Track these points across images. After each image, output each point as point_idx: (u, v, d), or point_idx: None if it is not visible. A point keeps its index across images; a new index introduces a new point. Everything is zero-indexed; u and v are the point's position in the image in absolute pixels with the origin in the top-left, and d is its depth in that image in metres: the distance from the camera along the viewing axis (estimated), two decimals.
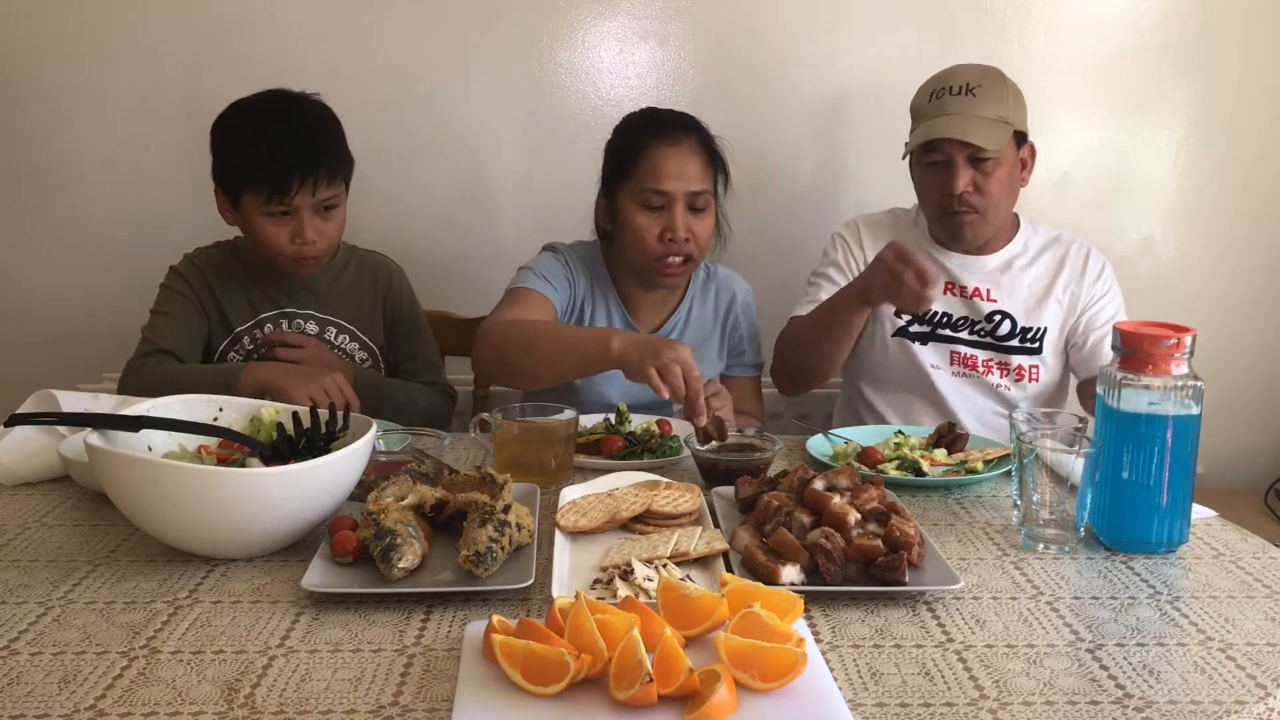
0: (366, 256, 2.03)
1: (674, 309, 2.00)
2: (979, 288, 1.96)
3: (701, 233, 1.86)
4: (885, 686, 0.92)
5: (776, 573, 1.10)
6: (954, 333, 1.97)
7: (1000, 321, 1.95)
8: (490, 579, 1.09)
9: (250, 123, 1.82)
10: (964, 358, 1.97)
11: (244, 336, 1.91)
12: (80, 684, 0.91)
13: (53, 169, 2.41)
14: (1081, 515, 1.23)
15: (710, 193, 1.87)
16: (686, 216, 1.84)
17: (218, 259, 1.95)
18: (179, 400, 1.31)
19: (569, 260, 1.95)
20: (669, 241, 1.84)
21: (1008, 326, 1.95)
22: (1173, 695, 0.91)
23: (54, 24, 2.34)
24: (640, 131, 1.89)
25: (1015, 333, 1.95)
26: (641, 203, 1.85)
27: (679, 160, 1.84)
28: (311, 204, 1.79)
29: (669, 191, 1.83)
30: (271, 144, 1.78)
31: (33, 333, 2.48)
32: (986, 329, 1.96)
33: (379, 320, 2.00)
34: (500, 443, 1.47)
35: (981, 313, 1.95)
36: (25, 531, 1.28)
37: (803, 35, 2.41)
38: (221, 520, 1.14)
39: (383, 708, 0.88)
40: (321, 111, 1.86)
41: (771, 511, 1.21)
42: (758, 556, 1.13)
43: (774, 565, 1.11)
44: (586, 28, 2.41)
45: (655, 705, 0.85)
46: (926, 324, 1.98)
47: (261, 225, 1.81)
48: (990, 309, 1.95)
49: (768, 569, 1.10)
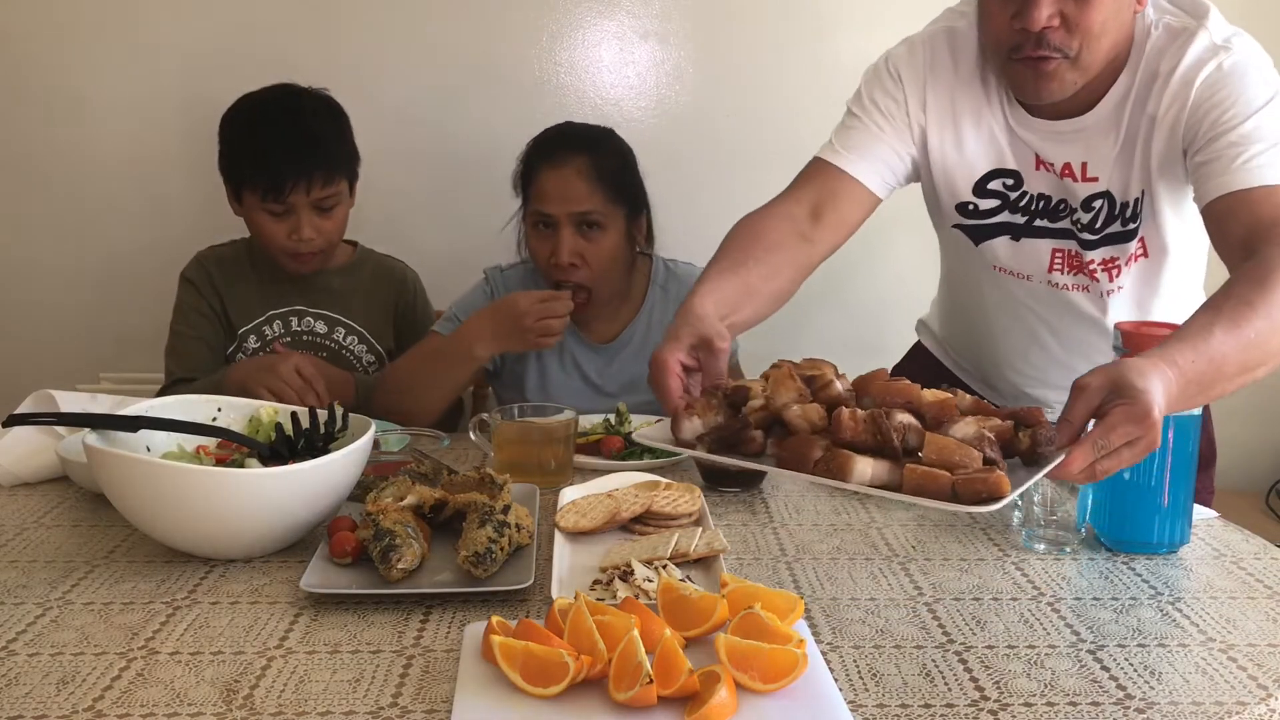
0: (384, 261, 2.03)
1: (631, 318, 1.93)
2: (1069, 161, 1.45)
3: (594, 256, 1.80)
4: (885, 687, 0.92)
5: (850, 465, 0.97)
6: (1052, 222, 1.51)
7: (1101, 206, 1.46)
8: (490, 580, 1.09)
9: (252, 118, 1.83)
10: (1071, 255, 1.51)
11: (250, 335, 1.91)
12: (78, 685, 0.91)
13: (52, 169, 2.41)
14: (1082, 516, 1.23)
15: (602, 211, 1.80)
16: (574, 239, 1.79)
17: (228, 256, 1.95)
18: (177, 400, 1.31)
19: (496, 290, 1.91)
20: (554, 266, 1.80)
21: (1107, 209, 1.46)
22: (1174, 696, 0.91)
23: (54, 23, 2.34)
24: (533, 152, 1.87)
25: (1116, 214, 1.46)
26: (533, 224, 1.83)
27: (562, 181, 1.79)
28: (308, 202, 1.79)
29: (551, 214, 1.79)
30: (268, 142, 1.78)
31: (31, 333, 2.48)
32: (1084, 220, 1.48)
33: (389, 325, 2.00)
34: (500, 443, 1.47)
35: (1078, 197, 1.47)
36: (23, 532, 1.27)
37: (803, 34, 2.40)
38: (220, 521, 1.14)
39: (382, 709, 0.88)
40: (325, 107, 1.86)
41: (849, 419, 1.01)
42: None
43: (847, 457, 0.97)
44: (586, 27, 2.41)
45: (655, 706, 0.84)
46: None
47: (260, 220, 1.82)
48: (1090, 191, 1.46)
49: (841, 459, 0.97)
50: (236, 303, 1.92)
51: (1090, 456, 0.97)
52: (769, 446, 1.07)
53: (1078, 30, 1.31)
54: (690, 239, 2.26)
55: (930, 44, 1.52)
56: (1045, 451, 0.99)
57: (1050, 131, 1.45)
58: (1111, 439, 0.97)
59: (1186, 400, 1.06)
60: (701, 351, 1.20)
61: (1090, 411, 1.00)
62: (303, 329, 1.93)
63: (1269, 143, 1.30)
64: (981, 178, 1.52)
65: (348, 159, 1.87)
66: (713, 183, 2.44)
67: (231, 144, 1.84)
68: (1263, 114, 1.32)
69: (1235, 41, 1.36)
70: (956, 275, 1.72)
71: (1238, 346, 1.09)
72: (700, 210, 2.42)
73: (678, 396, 1.16)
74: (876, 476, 0.98)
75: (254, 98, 1.85)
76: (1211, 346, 1.08)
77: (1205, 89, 1.34)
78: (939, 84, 1.50)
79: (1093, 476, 0.98)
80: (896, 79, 1.52)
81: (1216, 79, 1.34)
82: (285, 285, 1.92)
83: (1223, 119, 1.32)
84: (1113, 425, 0.97)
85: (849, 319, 2.54)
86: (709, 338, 1.20)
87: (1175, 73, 1.36)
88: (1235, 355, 1.09)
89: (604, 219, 1.81)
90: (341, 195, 1.85)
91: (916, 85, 1.51)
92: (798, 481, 1.48)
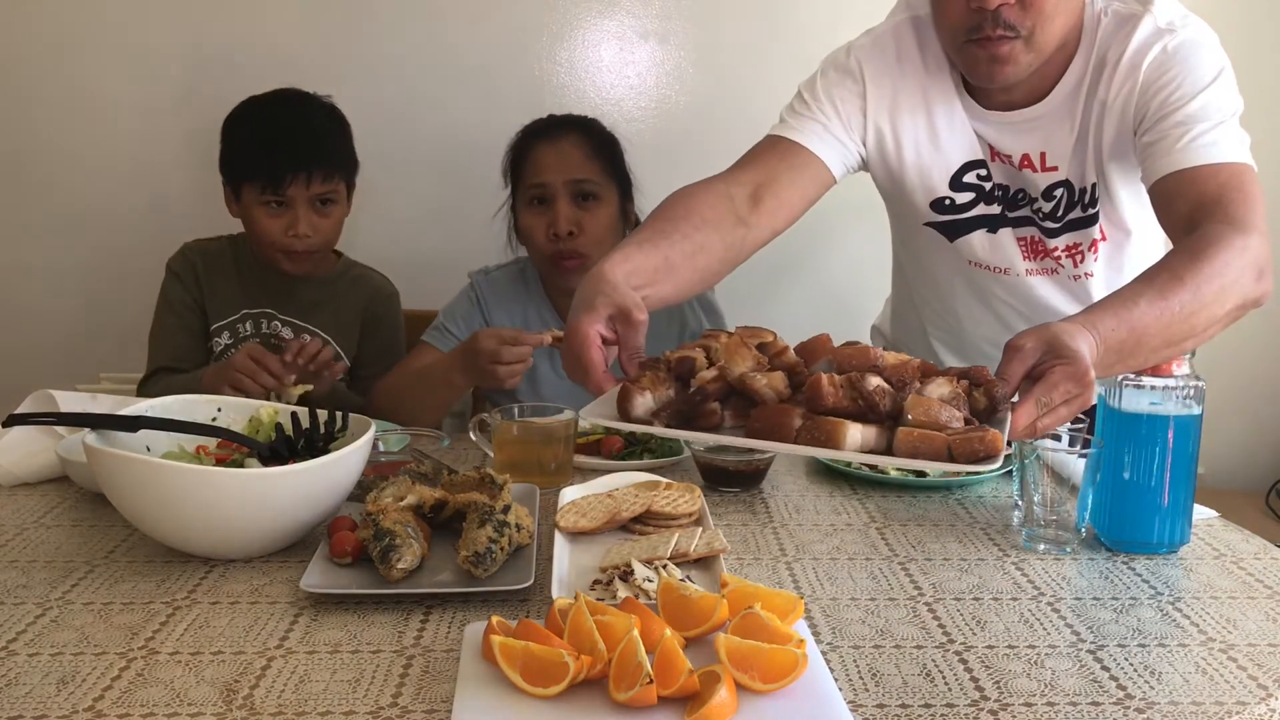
0: (364, 273, 2.04)
1: None
2: (1028, 152, 1.44)
3: (592, 225, 1.80)
4: (886, 687, 0.92)
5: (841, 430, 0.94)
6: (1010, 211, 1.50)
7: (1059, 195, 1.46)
8: (490, 580, 1.09)
9: (256, 115, 1.86)
10: (1035, 241, 1.51)
11: (224, 331, 1.93)
12: (78, 685, 0.91)
13: (51, 169, 2.41)
14: (1082, 516, 1.23)
15: (599, 182, 1.82)
16: (571, 208, 1.79)
17: (213, 250, 1.98)
18: (177, 400, 1.31)
19: (481, 295, 1.92)
20: (554, 237, 1.79)
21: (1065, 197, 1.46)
22: (1174, 696, 0.91)
23: (53, 23, 2.34)
24: (526, 136, 1.89)
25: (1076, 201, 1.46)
26: (527, 201, 1.83)
27: (557, 153, 1.81)
28: (307, 196, 1.81)
29: (547, 182, 1.79)
30: (272, 135, 1.82)
31: (31, 333, 2.48)
32: (1045, 209, 1.47)
33: (355, 332, 2.01)
34: (499, 443, 1.47)
35: (1038, 187, 1.47)
36: (23, 532, 1.27)
37: (804, 34, 2.40)
38: (220, 521, 1.13)
39: (382, 709, 0.88)
40: (328, 111, 1.89)
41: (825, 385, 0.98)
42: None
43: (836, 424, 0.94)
44: (586, 26, 2.41)
45: (655, 706, 0.84)
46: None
47: (258, 216, 1.84)
48: (1049, 181, 1.45)
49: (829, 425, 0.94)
50: (215, 298, 1.95)
51: (1034, 414, 0.99)
52: (727, 419, 1.02)
53: (1031, 8, 1.31)
54: None
55: (896, 36, 1.50)
56: (1003, 409, 1.00)
57: (1004, 123, 1.45)
58: (1053, 397, 0.99)
59: (1105, 368, 1.08)
60: (619, 323, 1.12)
61: (1025, 371, 1.02)
62: (270, 332, 1.95)
63: (1214, 121, 1.30)
64: (958, 170, 1.50)
65: (347, 162, 1.89)
66: None
67: (234, 140, 1.87)
68: (1209, 92, 1.32)
69: (1179, 23, 1.36)
70: (923, 276, 1.69)
71: (1161, 319, 1.11)
72: None
73: (602, 371, 1.09)
74: (867, 441, 0.96)
75: (259, 98, 1.89)
76: (1134, 316, 1.09)
77: (1152, 70, 1.35)
78: (908, 78, 1.48)
79: (1033, 433, 1.01)
80: (859, 77, 1.49)
81: (1162, 60, 1.34)
82: (264, 288, 1.94)
83: (1171, 99, 1.32)
84: (1054, 384, 0.99)
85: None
86: (627, 308, 1.11)
87: (1123, 58, 1.36)
88: (1158, 327, 1.11)
89: (600, 190, 1.82)
90: (339, 195, 1.87)
91: (884, 84, 1.48)
92: (797, 481, 1.48)
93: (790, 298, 2.51)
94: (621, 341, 1.12)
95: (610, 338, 1.12)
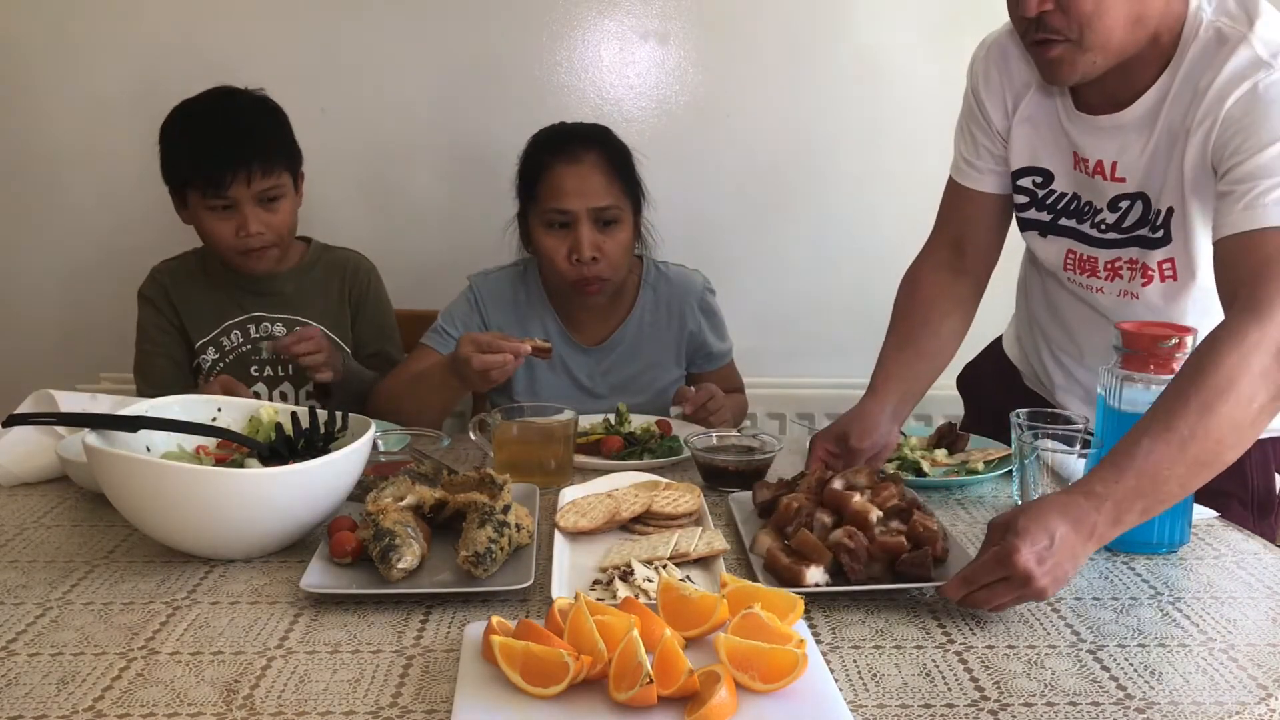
0: (338, 254, 2.02)
1: (622, 320, 1.93)
2: (1102, 159, 1.41)
3: (613, 249, 1.80)
4: (885, 687, 0.92)
5: (801, 575, 1.09)
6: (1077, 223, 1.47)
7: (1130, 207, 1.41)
8: (490, 580, 1.09)
9: (188, 119, 1.84)
10: (1081, 258, 1.48)
11: (209, 347, 1.91)
12: (78, 685, 0.91)
13: (50, 168, 2.40)
14: None
15: (619, 206, 1.81)
16: (593, 234, 1.79)
17: (180, 269, 1.96)
18: (177, 400, 1.31)
19: (480, 298, 1.91)
20: (576, 262, 1.79)
21: (1139, 211, 1.40)
22: (1174, 696, 0.91)
23: (45, 23, 2.34)
24: (541, 150, 1.86)
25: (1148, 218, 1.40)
26: (546, 223, 1.82)
27: (579, 177, 1.79)
28: (250, 195, 1.79)
29: (571, 210, 1.78)
30: (205, 137, 1.80)
31: (31, 333, 2.48)
32: (1109, 220, 1.43)
33: (345, 316, 1.99)
34: (499, 443, 1.47)
35: (1105, 196, 1.43)
36: (23, 532, 1.27)
37: (804, 34, 2.40)
38: (220, 521, 1.14)
39: (382, 709, 0.88)
40: (259, 105, 1.86)
41: (792, 513, 1.20)
42: (781, 559, 1.12)
43: (798, 567, 1.09)
44: (586, 26, 2.41)
45: (655, 706, 0.84)
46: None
47: (207, 221, 1.82)
48: (1116, 191, 1.41)
49: (792, 571, 1.09)
50: (192, 315, 1.92)
51: (961, 589, 1.04)
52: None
53: (1071, 11, 1.26)
54: (689, 239, 2.26)
55: (1012, 36, 1.48)
56: (908, 572, 1.11)
57: (1089, 125, 1.41)
58: (978, 576, 1.03)
59: (1134, 516, 1.07)
60: (843, 446, 1.41)
61: (989, 548, 1.06)
62: (262, 334, 1.93)
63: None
64: (1014, 173, 1.51)
65: (288, 153, 1.86)
66: (712, 183, 2.43)
67: (170, 148, 1.84)
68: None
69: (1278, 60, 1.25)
70: (1031, 278, 1.67)
71: (1171, 448, 1.07)
72: (700, 210, 2.42)
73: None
74: None
75: (190, 102, 1.85)
76: (1137, 459, 1.06)
77: (1236, 108, 1.26)
78: (1016, 77, 1.49)
79: (975, 604, 1.04)
80: (986, 79, 1.52)
81: (1250, 100, 1.25)
82: (240, 293, 1.92)
83: (1245, 145, 1.24)
84: (983, 564, 1.04)
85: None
86: (860, 450, 1.40)
87: (1212, 86, 1.28)
88: (1174, 457, 1.06)
89: (620, 214, 1.82)
90: (284, 188, 1.84)
91: (1004, 87, 1.50)
92: None
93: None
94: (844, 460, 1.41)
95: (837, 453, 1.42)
